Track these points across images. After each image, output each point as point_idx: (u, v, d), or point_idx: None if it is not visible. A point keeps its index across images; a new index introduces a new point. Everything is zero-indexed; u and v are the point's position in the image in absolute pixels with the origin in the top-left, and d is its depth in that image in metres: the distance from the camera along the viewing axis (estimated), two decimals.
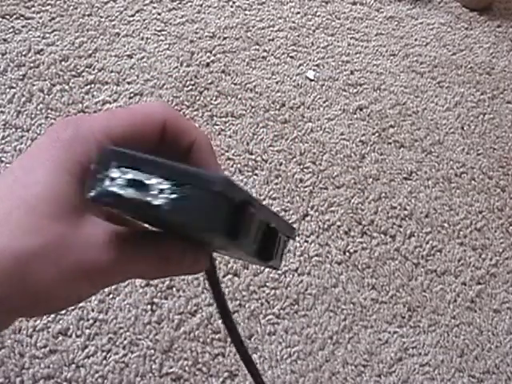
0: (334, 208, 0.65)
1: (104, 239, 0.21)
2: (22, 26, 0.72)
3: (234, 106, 0.71)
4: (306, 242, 0.62)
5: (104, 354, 0.52)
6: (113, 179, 0.20)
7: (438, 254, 0.65)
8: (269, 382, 0.54)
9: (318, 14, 0.85)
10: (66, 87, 0.68)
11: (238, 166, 0.66)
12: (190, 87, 0.72)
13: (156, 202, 0.20)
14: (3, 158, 0.61)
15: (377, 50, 0.83)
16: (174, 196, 0.20)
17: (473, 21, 0.92)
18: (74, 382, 0.50)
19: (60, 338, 0.52)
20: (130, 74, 0.71)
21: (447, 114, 0.78)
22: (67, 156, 0.22)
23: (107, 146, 0.21)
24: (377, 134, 0.73)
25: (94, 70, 0.70)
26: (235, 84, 0.73)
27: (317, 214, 0.64)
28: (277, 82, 0.75)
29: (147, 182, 0.20)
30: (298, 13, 0.84)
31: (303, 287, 0.59)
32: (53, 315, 0.52)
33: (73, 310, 0.53)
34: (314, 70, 0.78)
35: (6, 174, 0.22)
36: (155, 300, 0.55)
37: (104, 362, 0.52)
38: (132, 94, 0.69)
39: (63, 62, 0.70)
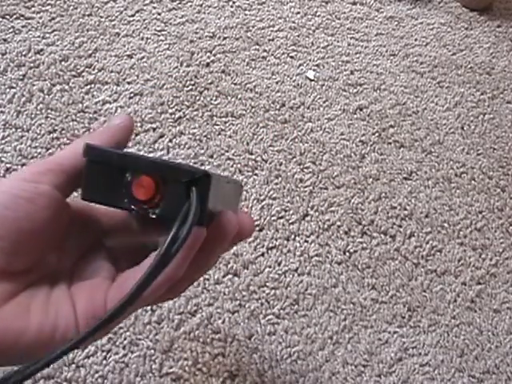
0: (334, 208, 0.65)
1: None
2: (22, 26, 0.72)
3: (234, 106, 0.71)
4: (306, 242, 0.62)
5: (104, 354, 0.52)
6: None
7: (438, 253, 0.65)
8: (269, 381, 0.54)
9: (318, 13, 0.85)
10: (66, 87, 0.68)
11: (238, 166, 0.66)
12: (190, 87, 0.72)
13: None
14: (3, 158, 0.61)
15: (377, 50, 0.83)
16: None
17: (473, 21, 0.92)
18: (73, 381, 0.50)
19: None
20: (130, 74, 0.71)
21: (447, 113, 0.78)
22: None
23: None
24: (377, 134, 0.73)
25: (94, 70, 0.70)
26: (235, 84, 0.73)
27: (317, 214, 0.64)
28: (277, 82, 0.75)
29: None
30: (298, 13, 0.84)
31: (303, 287, 0.59)
32: None
33: None
34: (314, 70, 0.78)
35: None
36: None
37: (104, 361, 0.52)
38: (132, 94, 0.69)
39: (63, 62, 0.70)
